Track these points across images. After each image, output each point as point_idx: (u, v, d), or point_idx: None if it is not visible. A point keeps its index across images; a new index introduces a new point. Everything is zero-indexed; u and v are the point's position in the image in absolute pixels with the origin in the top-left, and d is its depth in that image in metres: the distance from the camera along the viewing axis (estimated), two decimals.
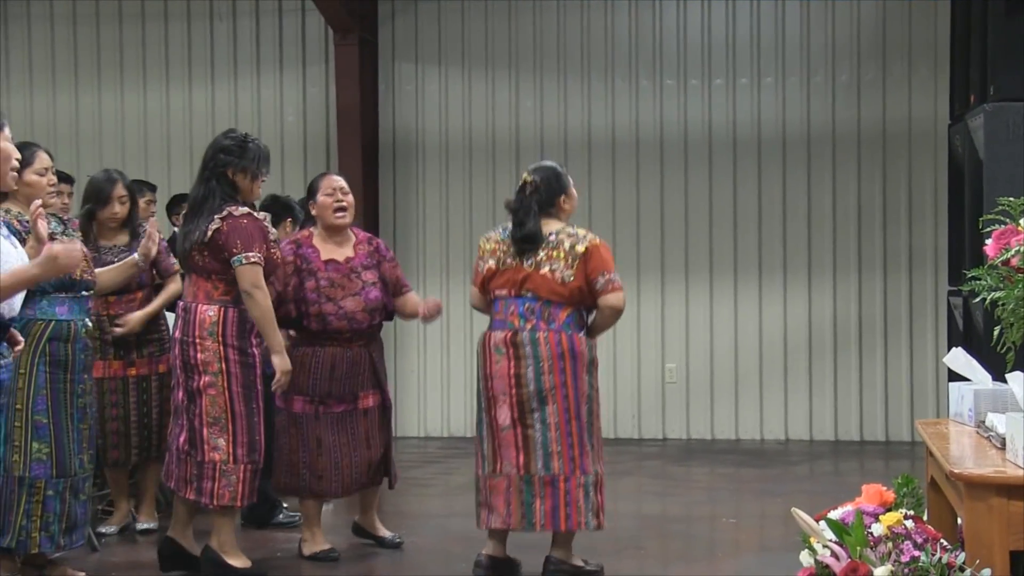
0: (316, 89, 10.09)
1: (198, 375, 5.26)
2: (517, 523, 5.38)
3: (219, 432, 5.25)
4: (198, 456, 5.27)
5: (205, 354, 5.25)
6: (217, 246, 5.27)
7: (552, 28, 9.88)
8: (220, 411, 5.25)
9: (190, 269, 5.41)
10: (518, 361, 5.36)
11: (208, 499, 5.29)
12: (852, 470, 8.45)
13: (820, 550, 3.71)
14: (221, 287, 5.32)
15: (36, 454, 5.13)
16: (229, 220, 5.28)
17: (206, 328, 5.26)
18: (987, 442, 3.80)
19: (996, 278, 3.80)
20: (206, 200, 5.35)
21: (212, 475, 5.25)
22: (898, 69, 9.56)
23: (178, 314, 5.42)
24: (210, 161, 5.40)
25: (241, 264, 5.27)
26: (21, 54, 10.39)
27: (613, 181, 9.78)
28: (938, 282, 9.29)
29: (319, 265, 5.83)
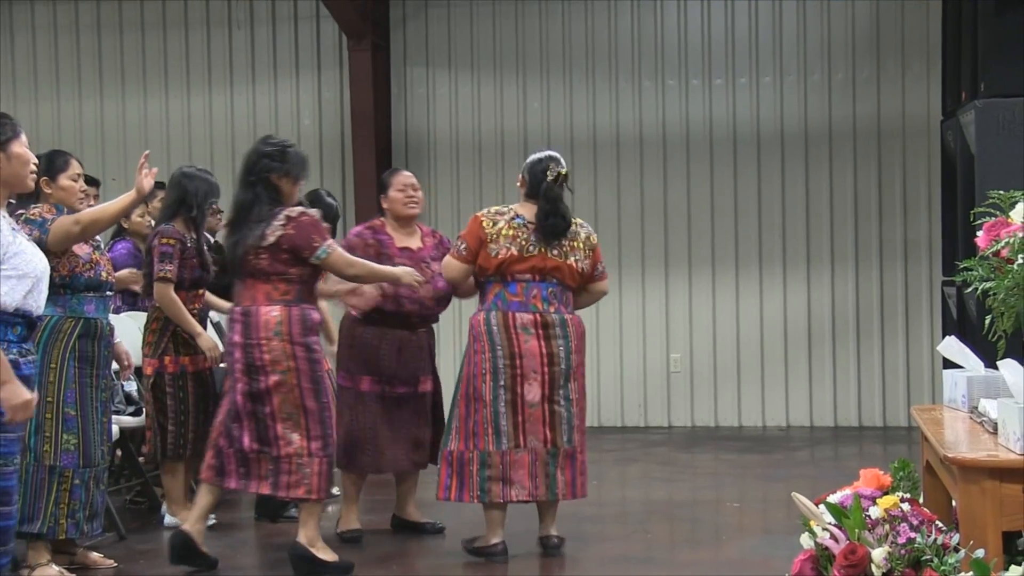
0: (331, 93, 10.10)
1: (265, 375, 5.17)
2: (543, 495, 5.50)
3: (292, 427, 5.18)
4: (273, 452, 5.19)
5: (272, 354, 5.17)
6: (284, 248, 5.19)
7: (557, 31, 9.86)
8: (292, 407, 5.18)
9: (245, 273, 5.29)
10: (549, 341, 5.50)
11: (284, 492, 5.22)
12: (851, 455, 8.44)
13: (820, 533, 3.71)
14: (282, 287, 5.24)
15: (65, 444, 5.17)
16: (293, 221, 5.22)
17: (271, 329, 5.17)
18: (980, 427, 3.79)
19: (987, 268, 3.79)
20: (253, 205, 5.28)
21: (288, 469, 5.18)
22: (892, 67, 9.53)
23: (234, 318, 5.28)
24: (253, 167, 5.33)
25: (328, 254, 5.23)
26: (48, 62, 10.40)
27: (618, 178, 9.77)
28: (932, 272, 9.27)
29: (395, 251, 5.88)
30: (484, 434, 5.48)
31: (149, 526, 6.42)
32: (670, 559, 5.67)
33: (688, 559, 5.65)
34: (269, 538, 6.20)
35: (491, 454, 5.48)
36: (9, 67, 10.46)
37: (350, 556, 5.53)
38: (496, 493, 5.48)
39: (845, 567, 3.55)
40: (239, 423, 5.24)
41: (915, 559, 3.51)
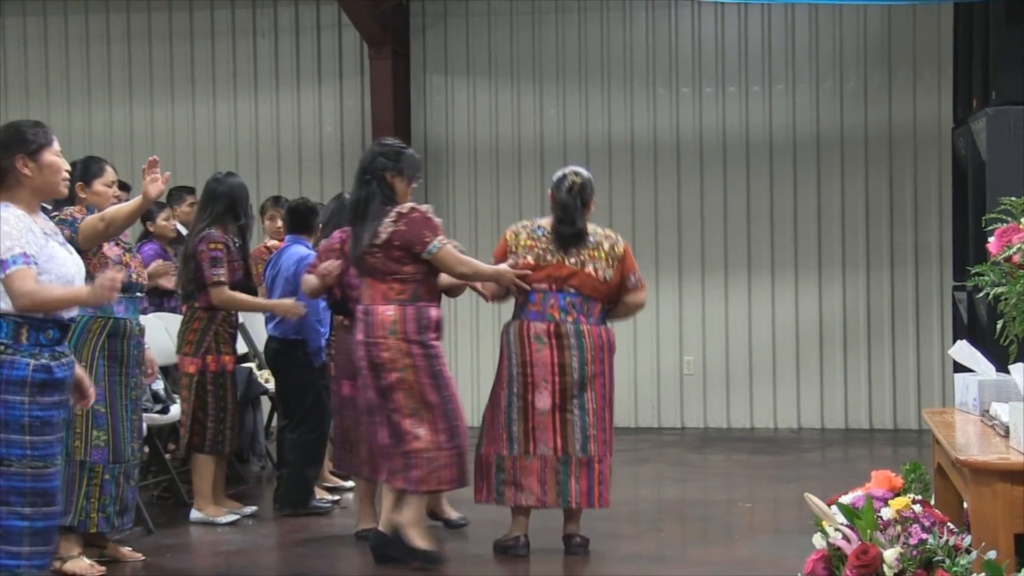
0: (352, 100, 10.10)
1: (386, 372, 5.19)
2: (552, 501, 5.49)
3: (418, 422, 5.19)
4: (403, 447, 5.20)
5: (390, 352, 5.18)
6: (396, 245, 5.19)
7: (574, 40, 9.85)
8: (415, 403, 5.20)
9: (364, 272, 5.30)
10: (562, 351, 5.48)
11: (414, 486, 5.22)
12: (862, 457, 8.39)
13: (832, 533, 3.68)
14: (396, 287, 5.23)
15: (95, 441, 5.22)
16: (404, 217, 5.21)
17: (387, 328, 5.19)
18: (991, 430, 3.76)
19: (999, 274, 3.76)
20: (368, 202, 5.28)
21: (417, 463, 5.19)
22: (903, 75, 9.48)
23: (359, 317, 5.31)
24: (369, 166, 5.33)
25: (439, 249, 5.22)
26: (80, 71, 10.44)
27: (632, 184, 9.75)
28: (943, 278, 9.21)
29: None
30: (499, 439, 5.51)
31: (176, 521, 6.43)
32: (682, 557, 5.66)
33: (700, 558, 5.63)
34: (292, 529, 6.19)
35: (504, 458, 5.50)
36: (43, 76, 10.49)
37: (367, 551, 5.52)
38: (508, 496, 5.50)
39: (857, 567, 3.52)
40: (373, 418, 5.30)
41: (927, 560, 3.48)
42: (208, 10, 10.27)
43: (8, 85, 10.53)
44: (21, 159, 3.68)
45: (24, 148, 3.69)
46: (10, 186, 3.68)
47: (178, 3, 10.29)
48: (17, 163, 3.68)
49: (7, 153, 3.68)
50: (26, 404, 3.54)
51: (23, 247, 3.56)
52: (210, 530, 6.22)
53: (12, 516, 3.52)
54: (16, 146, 3.69)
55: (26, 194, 3.70)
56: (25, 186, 3.69)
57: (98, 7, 10.37)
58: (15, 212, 3.63)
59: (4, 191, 3.68)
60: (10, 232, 3.56)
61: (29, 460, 3.54)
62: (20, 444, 3.53)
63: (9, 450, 3.52)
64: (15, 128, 3.74)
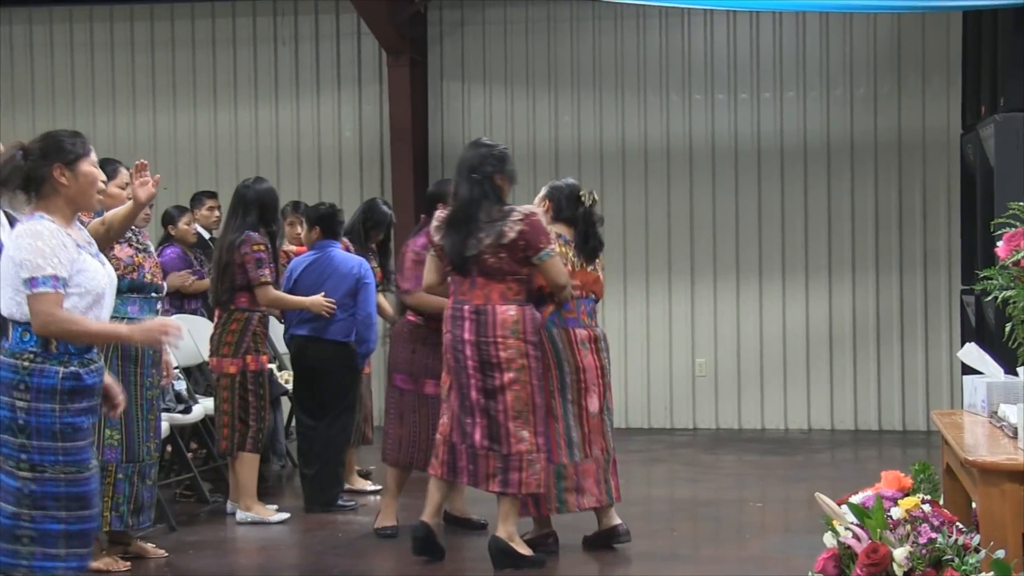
0: (371, 107, 10.13)
1: (500, 372, 5.12)
2: (605, 500, 5.53)
3: (523, 424, 5.14)
4: (503, 449, 5.13)
5: (508, 352, 5.13)
6: (519, 246, 5.15)
7: (588, 48, 9.86)
8: (523, 405, 5.16)
9: (478, 271, 5.20)
10: (599, 354, 5.57)
11: (516, 489, 5.15)
12: (871, 457, 8.38)
13: (843, 532, 3.68)
14: (515, 287, 5.21)
15: (108, 440, 5.20)
16: (528, 219, 5.18)
17: (508, 327, 5.14)
18: (999, 431, 3.76)
19: (1007, 278, 3.76)
20: (481, 203, 5.20)
21: (519, 466, 5.13)
22: (913, 82, 9.46)
23: (463, 315, 5.19)
24: (478, 167, 5.25)
25: (550, 256, 5.23)
26: (105, 78, 10.49)
27: (645, 189, 9.75)
28: (951, 282, 9.19)
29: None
30: (558, 447, 5.43)
31: (198, 519, 6.46)
32: (694, 556, 5.66)
33: (712, 556, 5.63)
34: (319, 525, 6.21)
35: (565, 466, 5.44)
36: (69, 82, 10.54)
37: (389, 549, 5.54)
38: (572, 503, 5.46)
39: (867, 566, 3.52)
40: (472, 419, 5.17)
41: (936, 559, 3.47)
42: (230, 18, 10.31)
43: (35, 91, 10.59)
44: (59, 168, 3.64)
45: (62, 158, 3.65)
46: (46, 195, 3.64)
47: (201, 12, 10.33)
48: (54, 172, 3.63)
49: (45, 163, 3.63)
50: (57, 411, 3.55)
51: (55, 268, 3.52)
52: (231, 528, 6.24)
53: (48, 520, 3.54)
54: (54, 156, 3.64)
55: (61, 204, 3.66)
56: (61, 195, 3.65)
57: (123, 15, 10.42)
58: (49, 226, 3.59)
59: (40, 201, 3.65)
60: (43, 249, 3.53)
61: (62, 466, 3.55)
62: (53, 451, 3.55)
63: (43, 457, 3.54)
64: (53, 138, 3.69)
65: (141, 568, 5.41)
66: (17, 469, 3.53)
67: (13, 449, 3.53)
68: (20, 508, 3.53)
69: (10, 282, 3.57)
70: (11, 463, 3.54)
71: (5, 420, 3.54)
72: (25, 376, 3.53)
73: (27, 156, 3.65)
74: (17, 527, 3.52)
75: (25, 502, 3.53)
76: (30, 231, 3.57)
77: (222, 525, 6.30)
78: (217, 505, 6.71)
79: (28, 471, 3.52)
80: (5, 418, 3.54)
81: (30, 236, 3.56)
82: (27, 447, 3.52)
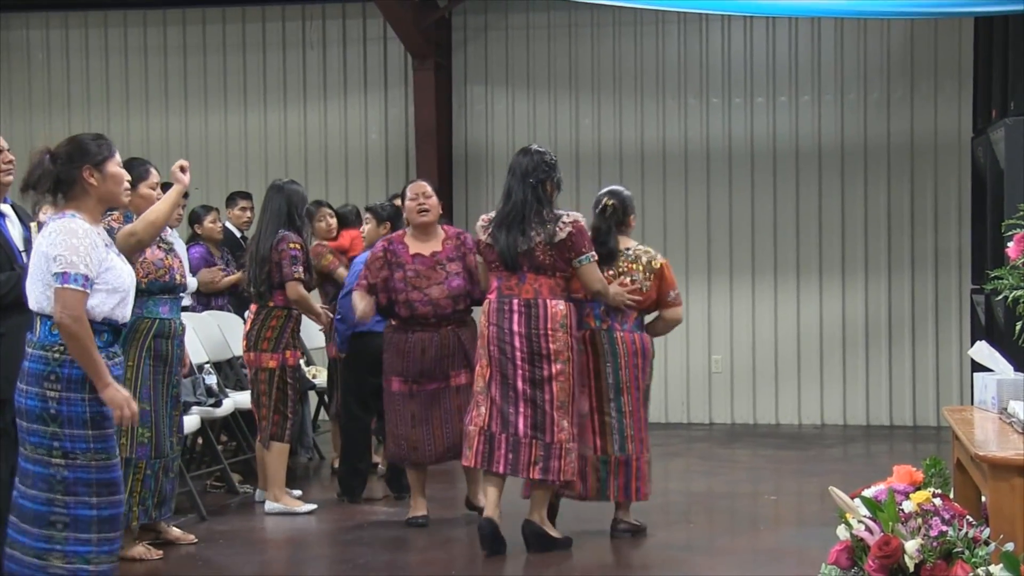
0: (396, 110, 10.15)
1: (548, 364, 5.25)
2: (593, 495, 5.60)
3: (564, 414, 5.27)
4: (547, 438, 5.24)
5: (557, 344, 5.26)
6: (567, 246, 5.31)
7: (608, 52, 9.86)
8: (566, 395, 5.28)
9: (530, 267, 5.33)
10: (597, 357, 5.59)
11: (555, 476, 5.26)
12: (882, 452, 8.36)
13: (855, 525, 3.68)
14: (562, 283, 5.37)
15: (140, 438, 5.25)
16: (577, 224, 5.36)
17: (558, 321, 5.28)
18: (1009, 427, 3.75)
19: (1017, 277, 3.75)
20: (534, 205, 5.36)
21: (559, 454, 5.25)
22: (925, 86, 9.43)
23: (511, 308, 5.30)
24: (536, 171, 5.41)
25: (589, 262, 5.37)
26: (139, 81, 10.56)
27: (664, 191, 9.74)
28: (962, 281, 9.16)
29: (407, 259, 5.91)
30: None
31: (228, 509, 6.50)
32: (710, 547, 5.66)
33: (727, 548, 5.64)
34: (345, 516, 6.24)
35: None
36: (103, 86, 10.61)
37: (416, 540, 5.57)
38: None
39: (879, 558, 3.53)
40: (515, 408, 5.27)
41: (947, 551, 3.47)
42: (260, 23, 10.35)
43: (71, 94, 10.66)
44: (88, 170, 3.73)
45: (90, 160, 3.74)
46: (76, 196, 3.73)
47: (231, 16, 10.38)
48: (84, 174, 3.72)
49: (73, 165, 3.72)
50: (86, 400, 3.61)
51: (87, 268, 3.59)
52: (261, 518, 6.28)
53: (80, 506, 3.59)
54: (82, 158, 3.73)
55: (91, 203, 3.75)
56: (91, 195, 3.74)
57: (155, 20, 10.48)
58: (83, 225, 3.66)
59: (71, 201, 3.73)
60: (77, 247, 3.60)
61: (93, 453, 3.61)
62: (83, 439, 3.60)
63: (74, 444, 3.59)
64: (79, 142, 3.78)
65: (173, 556, 5.45)
66: (50, 456, 3.58)
67: (44, 438, 3.59)
68: (53, 494, 3.58)
69: (41, 277, 3.65)
70: (42, 451, 3.59)
71: (36, 410, 3.59)
72: (56, 367, 3.59)
73: (55, 160, 3.73)
74: (51, 513, 3.58)
75: (58, 488, 3.58)
76: (65, 229, 3.64)
77: (251, 515, 6.34)
78: (246, 496, 6.75)
79: (61, 458, 3.58)
80: (36, 408, 3.59)
81: (65, 234, 3.62)
82: (59, 435, 3.58)
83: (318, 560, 5.58)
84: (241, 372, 7.27)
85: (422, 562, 5.48)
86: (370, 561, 5.39)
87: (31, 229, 4.71)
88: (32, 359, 3.63)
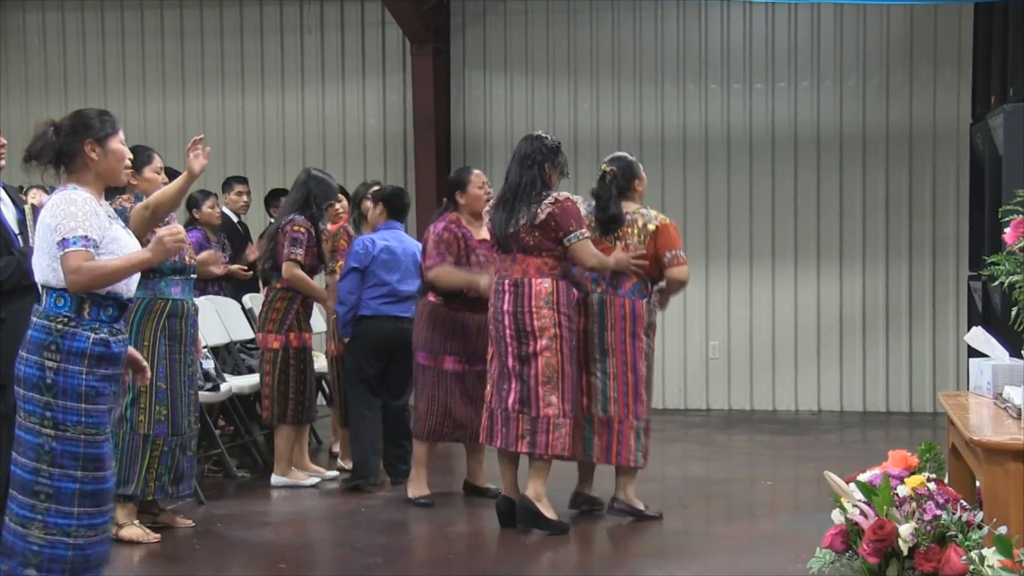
0: (395, 95, 10.15)
1: (534, 340, 5.36)
2: (579, 456, 5.69)
3: (552, 390, 5.36)
4: (532, 412, 5.36)
5: (542, 321, 5.36)
6: (550, 226, 5.39)
7: (607, 37, 9.85)
8: (553, 371, 5.36)
9: (518, 248, 5.45)
10: (585, 319, 5.67)
11: (542, 450, 5.37)
12: (879, 438, 8.38)
13: (850, 509, 3.70)
14: (550, 262, 5.44)
15: (157, 415, 5.33)
16: (559, 204, 5.42)
17: (543, 299, 5.38)
18: (1004, 412, 3.77)
19: (1014, 263, 3.77)
20: (530, 186, 5.46)
21: (546, 428, 5.35)
22: (924, 73, 9.43)
23: (503, 289, 5.44)
24: (534, 153, 5.52)
25: (579, 239, 5.42)
26: (136, 65, 10.54)
27: (662, 176, 9.74)
28: (959, 268, 9.17)
29: (475, 243, 6.04)
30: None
31: (226, 493, 6.52)
32: (707, 532, 5.69)
33: (723, 533, 5.66)
34: (343, 503, 6.26)
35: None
36: (100, 70, 10.60)
37: (415, 522, 5.58)
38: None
39: (874, 541, 3.55)
40: (507, 384, 5.40)
41: (940, 535, 3.50)
42: (257, 7, 10.33)
43: (67, 78, 10.65)
44: (89, 144, 3.73)
45: (92, 134, 3.74)
46: (77, 169, 3.74)
47: (229, 1, 10.36)
48: (86, 147, 3.73)
49: (76, 138, 3.73)
50: (84, 374, 3.62)
51: (86, 230, 3.61)
52: (259, 501, 6.31)
53: (65, 479, 3.61)
54: (85, 132, 3.74)
55: (92, 178, 3.75)
56: (91, 170, 3.75)
57: (152, 4, 10.46)
58: (82, 194, 3.68)
59: (72, 174, 3.75)
60: (75, 213, 3.62)
61: (83, 427, 3.62)
62: (76, 411, 3.62)
63: (66, 416, 3.61)
64: (83, 115, 3.79)
65: (170, 539, 5.47)
66: (40, 426, 3.60)
67: (38, 407, 3.61)
68: (40, 464, 3.60)
69: (46, 249, 3.66)
70: (34, 419, 3.61)
71: (33, 379, 3.61)
72: (57, 338, 3.61)
73: (58, 132, 3.75)
74: (36, 483, 3.60)
75: (45, 459, 3.60)
76: (64, 199, 3.67)
77: (249, 499, 6.37)
78: (244, 479, 6.77)
79: (51, 428, 3.60)
80: (33, 376, 3.61)
81: (64, 203, 3.65)
82: (52, 405, 3.60)
83: (317, 544, 5.59)
84: (239, 356, 7.30)
85: (421, 545, 5.50)
86: (368, 544, 5.41)
87: (25, 212, 4.73)
88: (35, 328, 3.65)
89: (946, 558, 3.43)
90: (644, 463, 5.71)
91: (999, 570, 3.16)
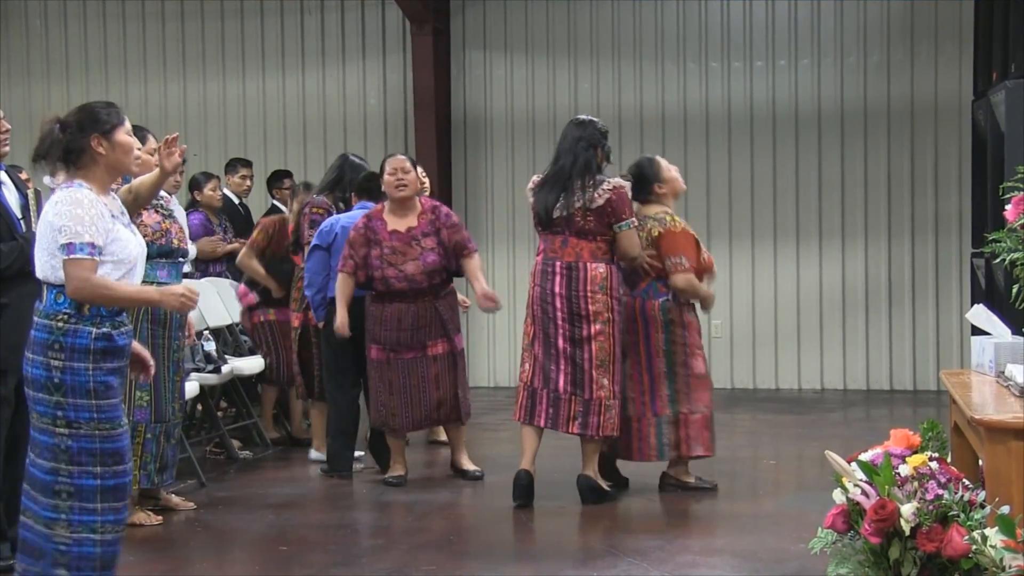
0: (395, 75, 10.09)
1: (588, 324, 5.43)
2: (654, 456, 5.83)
3: (604, 373, 5.45)
4: (585, 395, 5.45)
5: (596, 305, 5.44)
6: (606, 212, 5.46)
7: (607, 16, 9.78)
8: (606, 355, 5.45)
9: (570, 232, 5.51)
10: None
11: (594, 432, 5.47)
12: (882, 416, 8.35)
13: (852, 489, 3.67)
14: (603, 247, 5.51)
15: (138, 401, 5.26)
16: (616, 190, 5.50)
17: (597, 283, 5.45)
18: (1006, 390, 3.73)
19: (1015, 240, 3.72)
20: (585, 169, 5.51)
21: (598, 410, 5.44)
22: (925, 49, 9.35)
23: (553, 271, 5.49)
24: (587, 137, 5.57)
25: (629, 228, 5.52)
26: (137, 48, 10.49)
27: (663, 154, 9.61)
28: (962, 245, 9.12)
29: (384, 236, 5.99)
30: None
31: (227, 475, 6.51)
32: (710, 511, 5.67)
33: (727, 511, 5.64)
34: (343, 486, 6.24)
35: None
36: (101, 53, 10.55)
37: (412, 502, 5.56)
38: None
39: (875, 521, 3.51)
40: (556, 366, 5.47)
41: (942, 515, 3.46)
42: None
43: (69, 61, 10.60)
44: (96, 138, 3.67)
45: (99, 128, 3.68)
46: (85, 165, 3.68)
47: None
48: (92, 143, 3.67)
49: (82, 133, 3.67)
50: (90, 370, 3.58)
51: (92, 236, 3.56)
52: (260, 484, 6.30)
53: (84, 475, 3.58)
54: (91, 126, 3.68)
55: (100, 172, 3.70)
56: (99, 164, 3.69)
57: None
58: (88, 195, 3.62)
59: (79, 170, 3.68)
60: (82, 216, 3.56)
61: (97, 423, 3.58)
62: (88, 408, 3.58)
63: (78, 414, 3.57)
64: (89, 110, 3.73)
65: (172, 521, 5.46)
66: (54, 426, 3.57)
67: (49, 407, 3.57)
68: (58, 464, 3.57)
69: (46, 246, 3.61)
70: (47, 420, 3.57)
71: (40, 379, 3.57)
72: (60, 336, 3.56)
73: (65, 129, 3.69)
74: (56, 483, 3.57)
75: (62, 458, 3.57)
76: (70, 199, 3.60)
77: (250, 481, 6.35)
78: (245, 461, 6.76)
79: (65, 427, 3.56)
80: (40, 377, 3.57)
81: (70, 203, 3.59)
82: (63, 404, 3.56)
83: (318, 526, 5.58)
84: (240, 339, 7.27)
85: (418, 528, 5.48)
86: (366, 527, 5.40)
87: (28, 196, 4.68)
88: (38, 328, 3.62)
89: (948, 538, 3.39)
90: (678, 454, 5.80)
91: (1002, 549, 3.12)
